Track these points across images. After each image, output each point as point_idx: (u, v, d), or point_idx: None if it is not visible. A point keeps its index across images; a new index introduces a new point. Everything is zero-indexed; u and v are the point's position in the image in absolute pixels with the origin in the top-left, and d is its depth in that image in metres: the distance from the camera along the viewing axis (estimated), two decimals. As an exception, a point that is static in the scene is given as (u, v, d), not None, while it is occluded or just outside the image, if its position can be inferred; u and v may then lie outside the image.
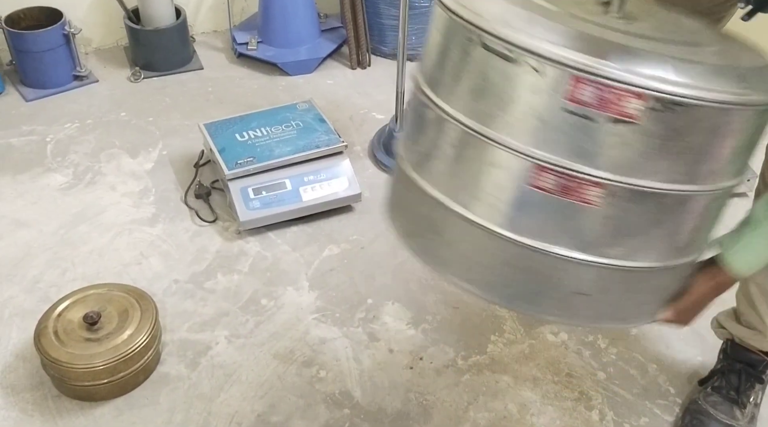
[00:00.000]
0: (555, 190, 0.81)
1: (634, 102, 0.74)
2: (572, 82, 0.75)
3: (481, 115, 0.82)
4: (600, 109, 0.75)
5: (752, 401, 1.42)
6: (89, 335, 1.43)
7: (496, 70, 0.79)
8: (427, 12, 2.44)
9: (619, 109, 0.75)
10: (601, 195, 0.80)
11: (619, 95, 0.74)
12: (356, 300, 1.67)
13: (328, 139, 1.89)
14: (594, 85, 0.74)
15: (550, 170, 0.80)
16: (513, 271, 0.89)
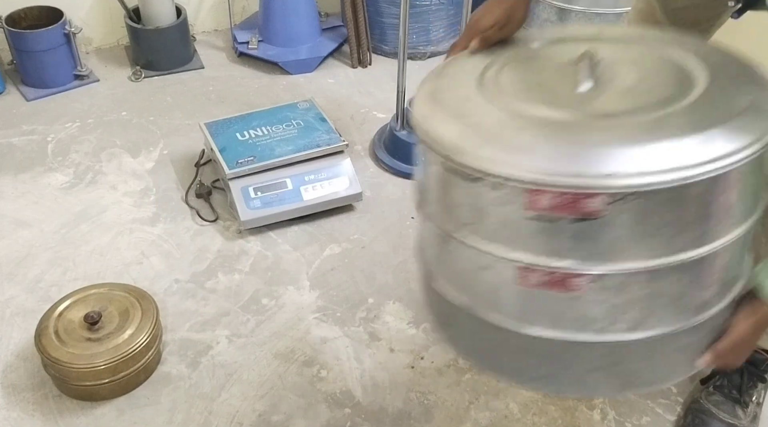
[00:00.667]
0: (542, 286, 0.85)
1: (590, 201, 0.77)
2: (528, 194, 0.79)
3: (463, 227, 0.89)
4: (561, 212, 0.79)
5: (754, 400, 1.41)
6: (90, 334, 1.43)
7: (462, 188, 0.86)
8: (428, 11, 2.44)
9: (579, 210, 0.78)
10: (587, 283, 0.83)
11: (575, 198, 0.77)
12: (357, 299, 1.67)
13: (329, 139, 1.88)
14: (548, 194, 0.78)
15: (533, 269, 0.84)
16: (525, 358, 0.94)
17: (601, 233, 0.80)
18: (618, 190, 0.75)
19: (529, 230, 0.83)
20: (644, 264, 0.82)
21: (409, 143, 2.02)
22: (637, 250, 0.81)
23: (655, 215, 0.79)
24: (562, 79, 0.93)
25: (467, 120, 0.87)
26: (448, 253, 0.95)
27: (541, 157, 0.79)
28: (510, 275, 0.87)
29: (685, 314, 0.89)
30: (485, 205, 0.85)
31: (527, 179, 0.78)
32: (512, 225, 0.84)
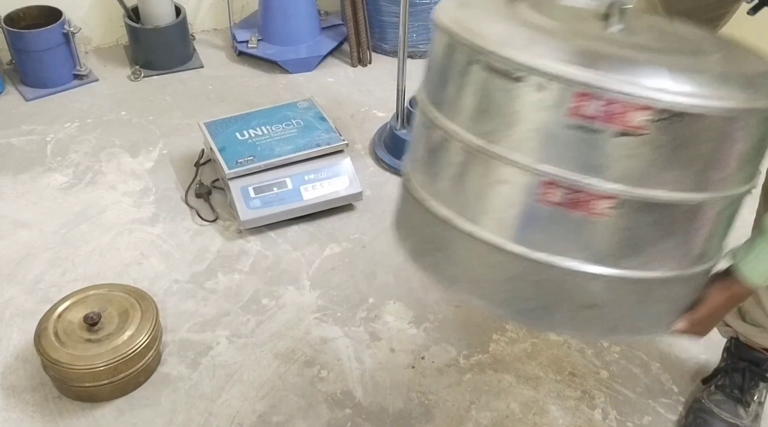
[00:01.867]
0: (564, 204, 0.81)
1: (640, 114, 0.75)
2: (576, 98, 0.75)
3: (487, 134, 0.83)
4: (605, 122, 0.76)
5: (756, 399, 1.41)
6: (90, 335, 1.42)
7: (499, 89, 0.80)
8: (428, 9, 2.43)
9: (625, 122, 0.75)
10: (611, 207, 0.80)
11: (624, 108, 0.75)
12: (358, 299, 1.67)
13: (328, 138, 1.88)
14: (597, 99, 0.75)
15: (559, 185, 0.80)
16: (523, 286, 0.89)
17: (639, 153, 0.77)
18: (668, 106, 0.74)
19: (565, 140, 0.78)
20: (671, 195, 0.80)
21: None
22: (668, 178, 0.79)
23: (693, 143, 0.78)
24: (591, 22, 0.90)
25: (511, 22, 0.83)
26: (457, 166, 0.88)
27: (595, 62, 0.75)
28: (531, 191, 0.81)
29: (685, 261, 0.88)
30: (523, 109, 0.79)
31: (579, 80, 0.74)
32: (548, 133, 0.79)
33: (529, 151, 0.80)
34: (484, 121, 0.83)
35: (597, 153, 0.78)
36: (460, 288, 0.94)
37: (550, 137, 0.79)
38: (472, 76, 0.83)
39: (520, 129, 0.80)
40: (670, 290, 0.90)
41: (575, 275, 0.85)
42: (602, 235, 0.83)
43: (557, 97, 0.76)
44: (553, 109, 0.77)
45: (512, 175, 0.82)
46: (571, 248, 0.84)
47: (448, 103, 0.88)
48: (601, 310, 0.88)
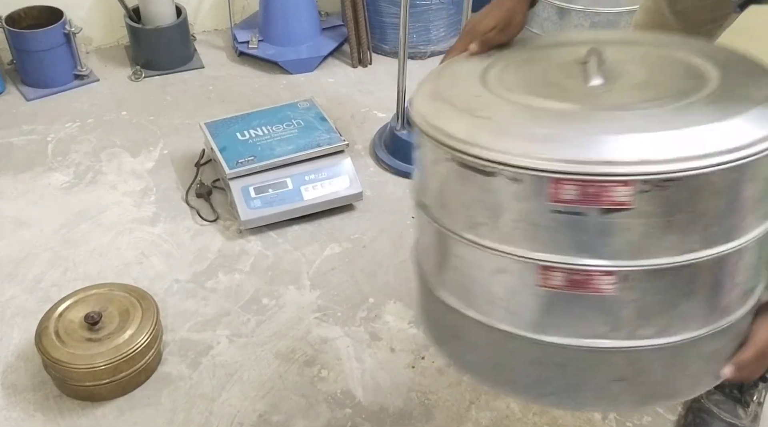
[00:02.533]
0: (566, 287, 0.79)
1: (621, 190, 0.72)
2: (552, 185, 0.73)
3: (475, 227, 0.82)
4: (587, 204, 0.73)
5: (755, 399, 1.41)
6: (90, 335, 1.42)
7: (477, 184, 0.79)
8: (428, 10, 2.44)
9: (607, 200, 0.73)
10: (614, 282, 0.77)
11: (603, 188, 0.72)
12: (358, 299, 1.67)
13: (329, 138, 1.88)
14: (573, 184, 0.72)
15: (556, 269, 0.78)
16: (543, 369, 0.87)
17: (631, 226, 0.75)
18: (651, 177, 0.70)
19: (551, 225, 0.77)
20: (676, 259, 0.77)
21: (410, 143, 2.02)
22: (668, 244, 0.76)
23: (688, 205, 0.74)
24: (569, 76, 0.88)
25: (477, 113, 0.81)
26: (456, 258, 0.87)
27: (564, 145, 0.73)
28: (529, 278, 0.80)
29: (711, 317, 0.84)
30: (502, 201, 0.78)
31: (551, 169, 0.72)
32: (533, 221, 0.78)
33: (519, 241, 0.79)
34: (470, 216, 0.82)
35: (587, 234, 0.76)
36: (482, 375, 0.93)
37: (536, 225, 0.78)
38: (449, 172, 0.82)
39: (505, 220, 0.79)
40: (703, 348, 0.85)
41: (594, 352, 0.82)
42: (612, 310, 0.80)
43: (533, 186, 0.75)
44: (531, 199, 0.76)
45: (509, 266, 0.81)
46: (584, 327, 0.82)
47: (434, 199, 0.87)
48: (631, 382, 0.85)
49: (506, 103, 0.83)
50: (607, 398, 0.87)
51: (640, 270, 0.77)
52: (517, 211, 0.78)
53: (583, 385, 0.86)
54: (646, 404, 0.97)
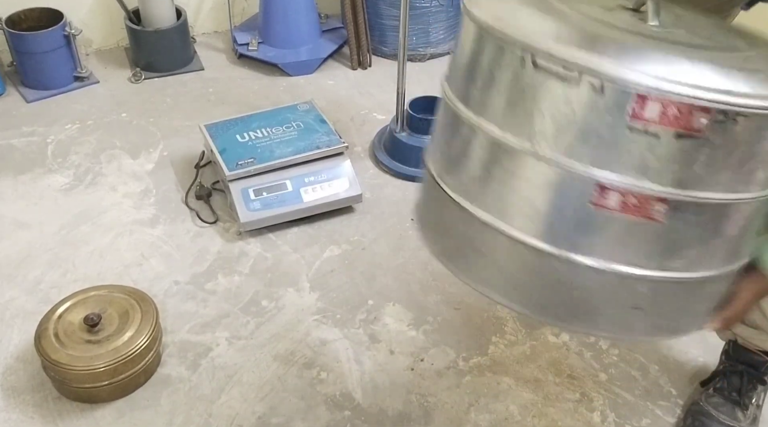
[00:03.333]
0: (618, 209, 0.78)
1: (699, 116, 0.73)
2: (636, 101, 0.73)
3: (536, 136, 0.79)
4: (664, 125, 0.73)
5: (754, 402, 1.41)
6: (90, 336, 1.42)
7: (551, 90, 0.76)
8: (428, 12, 2.44)
9: (684, 124, 0.73)
10: (665, 210, 0.78)
11: (685, 110, 0.72)
12: (357, 301, 1.67)
13: (328, 140, 1.89)
14: (659, 102, 0.72)
15: (614, 190, 0.77)
16: (566, 290, 0.86)
17: (697, 155, 0.75)
18: (730, 108, 0.72)
19: (622, 143, 0.75)
20: (726, 196, 0.79)
21: (409, 145, 2.02)
22: (723, 179, 0.78)
23: (750, 143, 0.76)
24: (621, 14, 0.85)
25: (562, 17, 0.78)
26: (502, 170, 0.83)
27: (653, 62, 0.72)
28: (584, 195, 0.78)
29: (729, 258, 0.86)
30: (577, 111, 0.76)
31: (643, 83, 0.71)
32: (604, 137, 0.76)
33: (583, 156, 0.77)
34: (534, 123, 0.79)
35: (654, 156, 0.76)
36: (497, 292, 0.91)
37: (606, 140, 0.76)
38: (521, 76, 0.78)
39: (573, 132, 0.77)
40: (711, 289, 0.89)
41: (625, 278, 0.83)
42: (655, 238, 0.81)
43: (616, 99, 0.73)
44: (609, 112, 0.74)
45: (565, 180, 0.79)
46: (623, 253, 0.82)
47: (490, 103, 0.83)
48: (646, 311, 0.86)
49: (586, 16, 0.80)
50: (620, 324, 0.88)
51: (692, 201, 0.78)
52: (590, 124, 0.76)
53: (601, 309, 0.86)
54: (654, 335, 0.98)
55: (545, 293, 0.87)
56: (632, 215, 0.78)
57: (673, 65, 0.73)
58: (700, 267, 0.84)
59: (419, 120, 2.01)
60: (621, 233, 0.80)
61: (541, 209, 0.82)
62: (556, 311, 0.88)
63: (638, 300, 0.85)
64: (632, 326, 0.88)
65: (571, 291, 0.85)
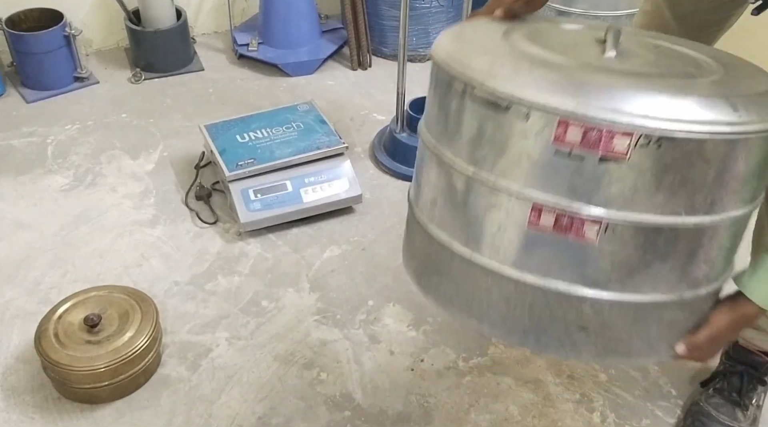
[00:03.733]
0: (553, 229, 0.83)
1: (620, 140, 0.76)
2: (558, 126, 0.78)
3: (478, 161, 0.86)
4: (587, 149, 0.78)
5: (754, 402, 1.41)
6: (90, 337, 1.42)
7: (488, 118, 0.83)
8: (428, 13, 2.44)
9: (607, 148, 0.77)
10: (599, 231, 0.82)
11: (605, 135, 0.77)
12: (357, 302, 1.67)
13: (328, 141, 1.89)
14: (578, 127, 0.77)
15: (547, 210, 0.82)
16: (515, 307, 0.90)
17: (624, 178, 0.79)
18: (651, 132, 0.75)
19: (551, 166, 0.81)
20: (659, 219, 0.81)
21: (409, 145, 2.02)
22: (655, 202, 0.80)
23: (678, 167, 0.79)
24: (587, 48, 0.92)
25: (500, 55, 0.86)
26: (453, 192, 0.91)
27: (575, 90, 0.78)
28: (521, 216, 0.84)
29: (679, 285, 0.88)
30: (510, 137, 0.82)
31: (562, 109, 0.77)
32: (534, 160, 0.82)
33: (517, 178, 0.83)
34: (476, 149, 0.86)
35: (582, 179, 0.80)
36: (456, 309, 0.97)
37: (536, 164, 0.81)
38: (464, 106, 0.86)
39: (508, 157, 0.83)
40: (665, 314, 0.89)
41: (566, 297, 0.86)
42: (591, 258, 0.84)
43: (541, 124, 0.79)
44: (537, 137, 0.80)
45: (503, 202, 0.85)
46: (562, 271, 0.85)
47: (443, 131, 0.91)
48: (593, 333, 0.88)
49: (525, 53, 0.87)
50: (569, 344, 0.90)
51: (625, 223, 0.81)
52: (521, 149, 0.82)
53: (549, 328, 0.90)
54: (605, 358, 1.00)
55: (497, 310, 0.91)
56: (568, 236, 0.83)
57: (596, 92, 0.78)
58: (645, 290, 0.86)
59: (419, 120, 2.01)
60: (561, 253, 0.85)
61: (486, 230, 0.88)
62: (509, 328, 0.92)
63: (583, 320, 0.87)
64: (580, 346, 0.90)
65: (519, 309, 0.90)
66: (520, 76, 0.81)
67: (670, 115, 0.75)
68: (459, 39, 0.94)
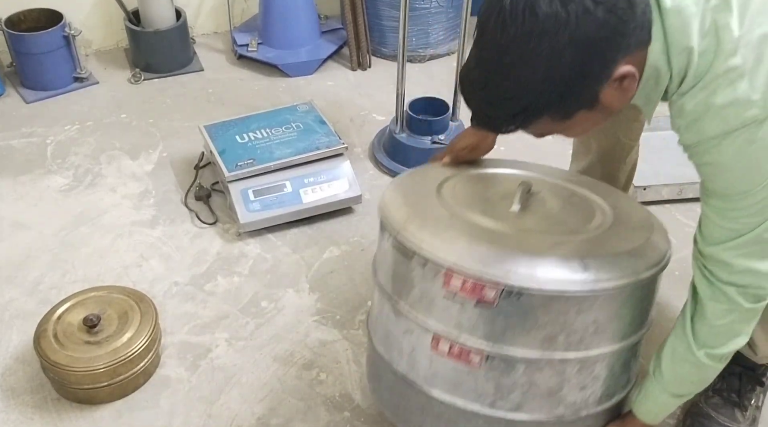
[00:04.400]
0: (448, 355, 1.06)
1: (489, 291, 0.98)
2: (444, 275, 1.01)
3: (398, 292, 1.10)
4: (466, 294, 1.00)
5: (753, 403, 1.41)
6: (89, 337, 1.42)
7: (401, 261, 1.08)
8: (428, 13, 2.44)
9: (479, 295, 0.99)
10: (481, 360, 1.03)
11: (477, 285, 0.99)
12: (357, 302, 1.67)
13: (328, 141, 1.88)
14: (459, 278, 0.99)
15: (443, 339, 1.05)
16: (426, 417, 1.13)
17: (495, 319, 1.00)
18: (511, 287, 0.97)
19: (444, 304, 1.03)
20: (526, 354, 1.02)
21: (409, 146, 2.02)
22: (522, 340, 1.01)
23: (536, 314, 0.99)
24: (501, 200, 1.16)
25: (416, 209, 1.09)
26: (383, 315, 1.16)
27: (459, 249, 1.00)
28: (425, 342, 1.07)
29: (557, 408, 1.07)
30: (414, 278, 1.06)
31: (444, 263, 1.00)
32: (431, 299, 1.04)
33: (421, 312, 1.07)
34: (395, 283, 1.11)
35: (465, 316, 1.02)
36: (388, 412, 1.23)
37: (434, 301, 1.04)
38: (388, 247, 1.10)
39: (415, 293, 1.07)
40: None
41: (464, 412, 1.08)
42: (480, 381, 1.05)
43: (433, 273, 1.02)
44: (432, 281, 1.03)
45: (414, 328, 1.09)
46: (459, 389, 1.07)
47: (381, 263, 1.16)
48: None
49: (442, 207, 1.11)
50: None
51: (501, 355, 1.03)
52: (422, 289, 1.05)
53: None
54: None
55: (415, 417, 1.16)
56: (458, 361, 1.05)
57: (475, 250, 0.99)
58: (528, 411, 1.07)
59: (419, 121, 2.01)
60: (456, 374, 1.07)
61: (404, 349, 1.12)
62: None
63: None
64: None
65: (431, 418, 1.13)
66: (422, 232, 1.04)
67: (528, 273, 0.96)
68: (400, 187, 1.18)
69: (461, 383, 1.07)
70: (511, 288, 0.97)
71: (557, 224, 1.14)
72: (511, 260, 0.98)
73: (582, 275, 0.97)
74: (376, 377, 1.24)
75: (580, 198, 1.22)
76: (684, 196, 1.95)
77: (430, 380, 1.09)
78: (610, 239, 1.08)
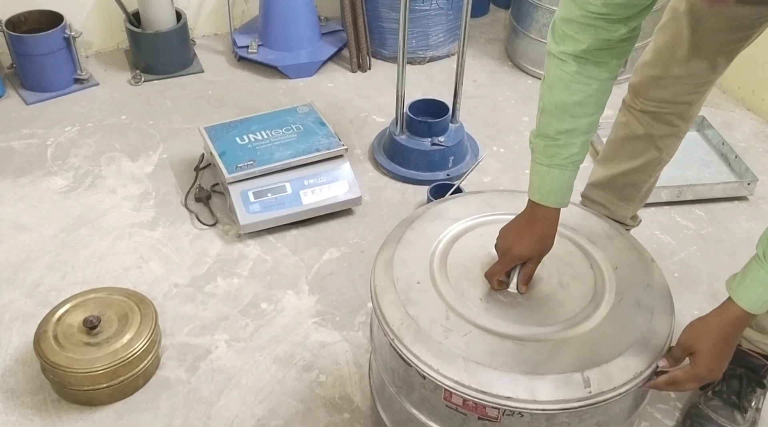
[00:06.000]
0: None
1: (491, 410, 1.01)
2: (445, 393, 1.03)
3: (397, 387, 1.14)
4: (468, 410, 1.03)
5: (753, 405, 1.41)
6: (89, 339, 1.42)
7: (399, 362, 1.08)
8: (428, 15, 2.44)
9: (481, 413, 1.02)
10: None
11: (478, 405, 1.01)
12: (356, 304, 1.67)
13: (328, 143, 1.89)
14: (460, 397, 1.01)
15: None
16: None
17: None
18: (510, 408, 0.99)
19: (445, 412, 1.06)
20: None
21: (408, 148, 2.02)
22: None
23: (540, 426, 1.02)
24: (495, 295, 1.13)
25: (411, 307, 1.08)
26: (389, 398, 1.18)
27: (458, 370, 1.00)
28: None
29: None
30: (414, 384, 1.08)
31: (445, 384, 1.00)
32: (432, 404, 1.07)
33: (423, 411, 1.10)
34: (394, 379, 1.13)
35: (469, 425, 1.05)
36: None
37: (434, 407, 1.07)
38: (385, 345, 1.10)
39: (415, 395, 1.10)
40: None
41: None
42: None
43: (432, 386, 1.04)
44: (432, 393, 1.05)
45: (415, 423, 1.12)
46: None
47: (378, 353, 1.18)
48: None
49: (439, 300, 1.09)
50: None
51: None
52: (423, 394, 1.08)
53: None
54: None
55: None
56: None
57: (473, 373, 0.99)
58: None
59: (419, 123, 2.01)
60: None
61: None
62: None
63: None
64: None
65: None
66: (418, 346, 1.03)
67: (530, 396, 0.97)
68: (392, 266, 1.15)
69: None
70: (513, 410, 0.99)
71: (557, 307, 1.11)
72: (512, 382, 0.98)
73: (584, 391, 0.98)
74: None
75: (579, 259, 1.18)
76: (683, 198, 1.96)
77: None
78: (612, 331, 1.06)
